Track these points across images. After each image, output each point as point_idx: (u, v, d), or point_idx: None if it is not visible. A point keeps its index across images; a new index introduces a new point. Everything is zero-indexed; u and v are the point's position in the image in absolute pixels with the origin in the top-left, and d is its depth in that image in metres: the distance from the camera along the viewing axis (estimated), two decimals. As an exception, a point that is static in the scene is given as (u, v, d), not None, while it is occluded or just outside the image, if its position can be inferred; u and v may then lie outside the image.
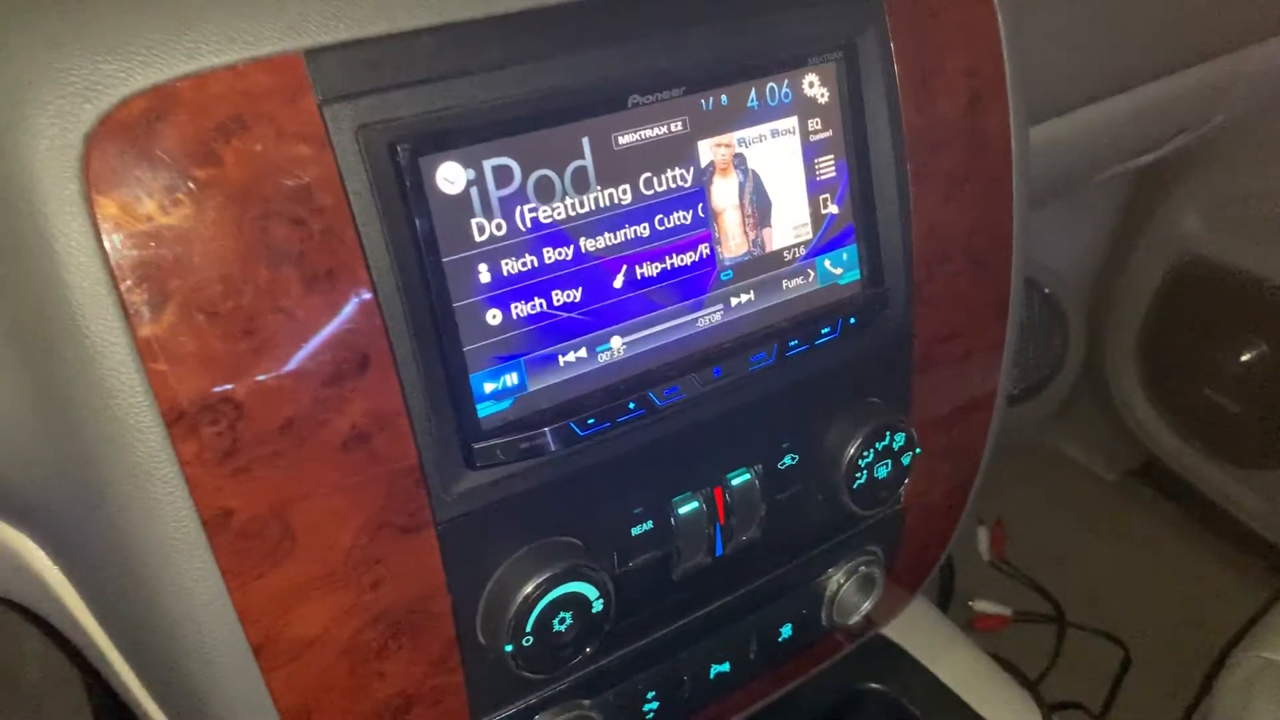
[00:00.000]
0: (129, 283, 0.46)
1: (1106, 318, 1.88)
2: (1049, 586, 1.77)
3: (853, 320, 0.67)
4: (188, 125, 0.46)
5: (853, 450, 0.69)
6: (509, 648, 0.59)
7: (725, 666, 0.75)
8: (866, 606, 0.80)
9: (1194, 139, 1.31)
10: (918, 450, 0.72)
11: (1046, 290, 1.88)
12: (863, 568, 0.78)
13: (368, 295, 0.51)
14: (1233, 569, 1.75)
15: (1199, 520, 1.84)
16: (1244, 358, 1.69)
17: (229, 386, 0.48)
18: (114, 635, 0.59)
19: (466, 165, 0.53)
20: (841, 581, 0.78)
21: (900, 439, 0.71)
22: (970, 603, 1.71)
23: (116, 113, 0.45)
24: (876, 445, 0.70)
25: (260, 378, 0.49)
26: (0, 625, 1.16)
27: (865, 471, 0.70)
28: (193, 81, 0.46)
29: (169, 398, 0.47)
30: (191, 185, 0.46)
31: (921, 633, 0.96)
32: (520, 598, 0.58)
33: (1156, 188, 1.71)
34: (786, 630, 0.77)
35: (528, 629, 0.59)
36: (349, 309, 0.51)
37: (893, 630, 0.96)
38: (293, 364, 0.50)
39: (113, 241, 0.45)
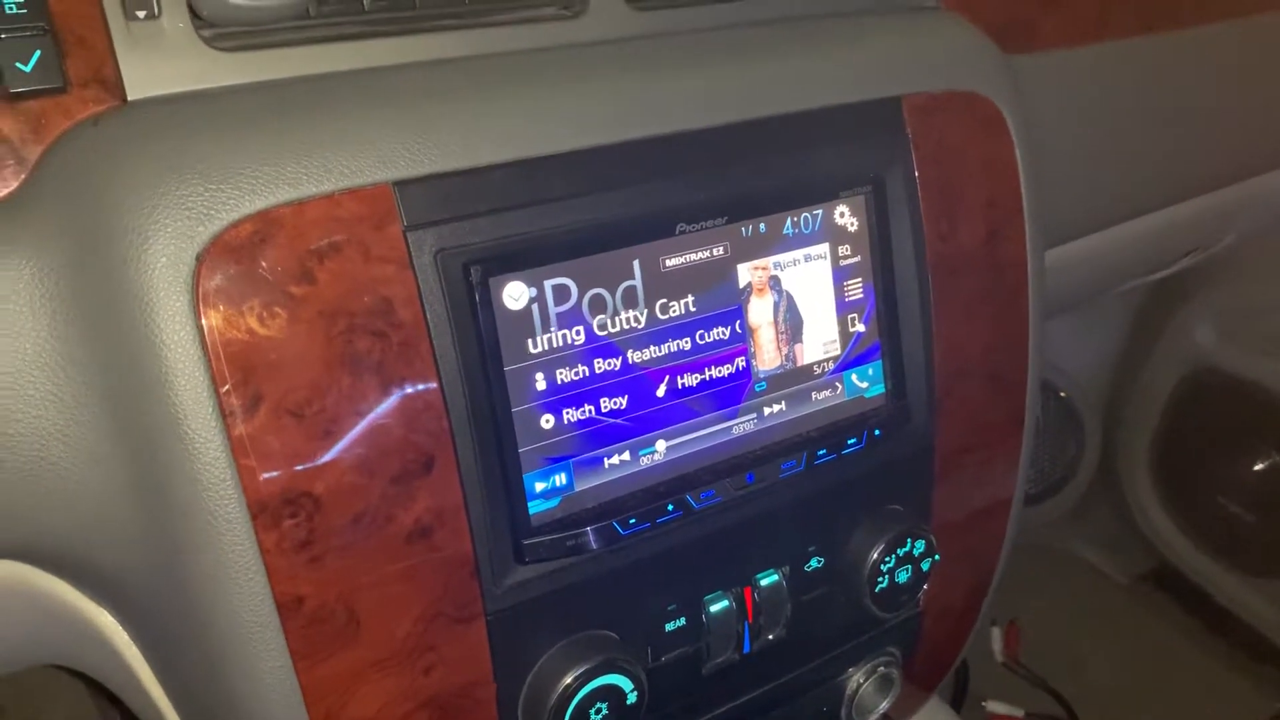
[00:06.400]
0: (227, 387, 0.51)
1: (1121, 422, 1.91)
2: (1061, 688, 1.77)
3: (878, 432, 0.72)
4: (288, 247, 0.52)
5: (875, 555, 0.73)
6: (548, 735, 0.62)
7: (748, 761, 0.78)
8: (884, 706, 0.82)
9: (1206, 256, 1.36)
10: (937, 556, 0.76)
11: (1062, 394, 1.92)
12: (881, 668, 0.81)
13: (437, 401, 0.56)
14: (1244, 676, 1.75)
15: (1211, 627, 1.84)
16: (1257, 467, 1.71)
17: (309, 482, 0.53)
18: (181, 710, 0.62)
19: (530, 284, 0.58)
20: (861, 681, 0.81)
21: (920, 545, 0.75)
22: (983, 703, 1.71)
23: (226, 234, 0.50)
24: (898, 551, 0.73)
25: (337, 475, 0.54)
26: (35, 688, 1.19)
27: (887, 576, 0.74)
28: (294, 208, 0.52)
29: (255, 491, 0.52)
30: (288, 301, 0.52)
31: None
32: (560, 688, 0.62)
33: (1170, 297, 1.76)
34: (808, 727, 0.80)
35: (566, 718, 0.62)
36: (419, 413, 0.56)
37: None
38: (367, 463, 0.54)
39: (215, 350, 0.50)
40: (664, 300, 0.63)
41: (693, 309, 0.64)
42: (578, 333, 0.60)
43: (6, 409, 0.51)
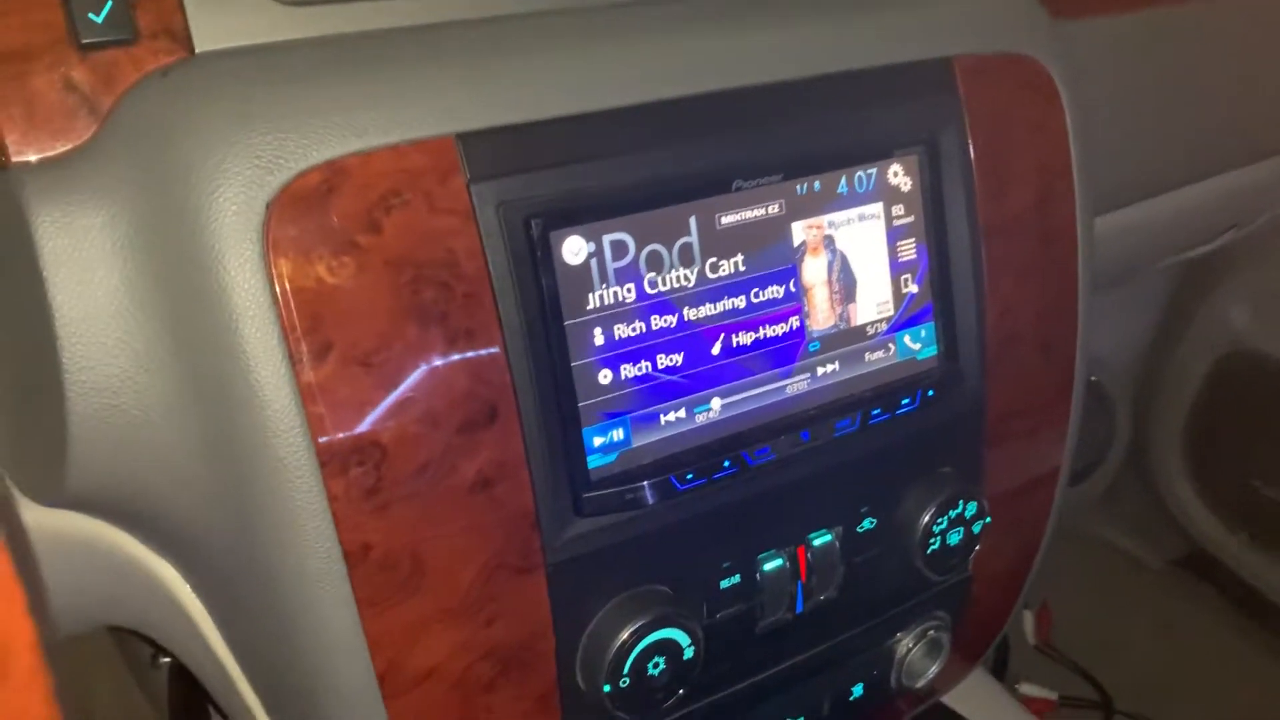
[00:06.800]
0: (296, 334, 0.51)
1: (1152, 405, 1.89)
2: (1094, 672, 1.76)
3: (930, 393, 0.72)
4: (355, 197, 0.52)
5: (927, 517, 0.73)
6: (607, 688, 0.62)
7: (799, 721, 0.78)
8: (933, 671, 0.82)
9: (1243, 234, 1.36)
10: (988, 519, 0.76)
11: (1093, 376, 1.91)
12: (931, 632, 0.81)
13: (499, 353, 0.56)
14: (1279, 661, 1.74)
15: (1244, 611, 1.83)
16: (1291, 451, 1.70)
17: (376, 431, 0.53)
18: (245, 664, 0.63)
19: (589, 239, 0.59)
20: (910, 645, 0.81)
21: (972, 508, 0.75)
22: (1016, 685, 1.71)
23: (295, 184, 0.51)
24: (950, 513, 0.73)
25: (403, 424, 0.54)
26: (74, 667, 1.20)
27: (939, 538, 0.74)
28: (360, 158, 0.52)
29: (324, 439, 0.52)
30: (355, 250, 0.52)
31: (982, 703, 0.98)
32: (619, 641, 0.62)
33: (1204, 279, 1.74)
34: (858, 690, 0.80)
35: (624, 671, 0.62)
36: (483, 365, 0.56)
37: (954, 699, 0.98)
38: (431, 413, 0.55)
39: (285, 298, 0.51)
40: (719, 258, 0.63)
41: (747, 267, 0.64)
42: (634, 289, 0.61)
43: (78, 356, 0.52)
